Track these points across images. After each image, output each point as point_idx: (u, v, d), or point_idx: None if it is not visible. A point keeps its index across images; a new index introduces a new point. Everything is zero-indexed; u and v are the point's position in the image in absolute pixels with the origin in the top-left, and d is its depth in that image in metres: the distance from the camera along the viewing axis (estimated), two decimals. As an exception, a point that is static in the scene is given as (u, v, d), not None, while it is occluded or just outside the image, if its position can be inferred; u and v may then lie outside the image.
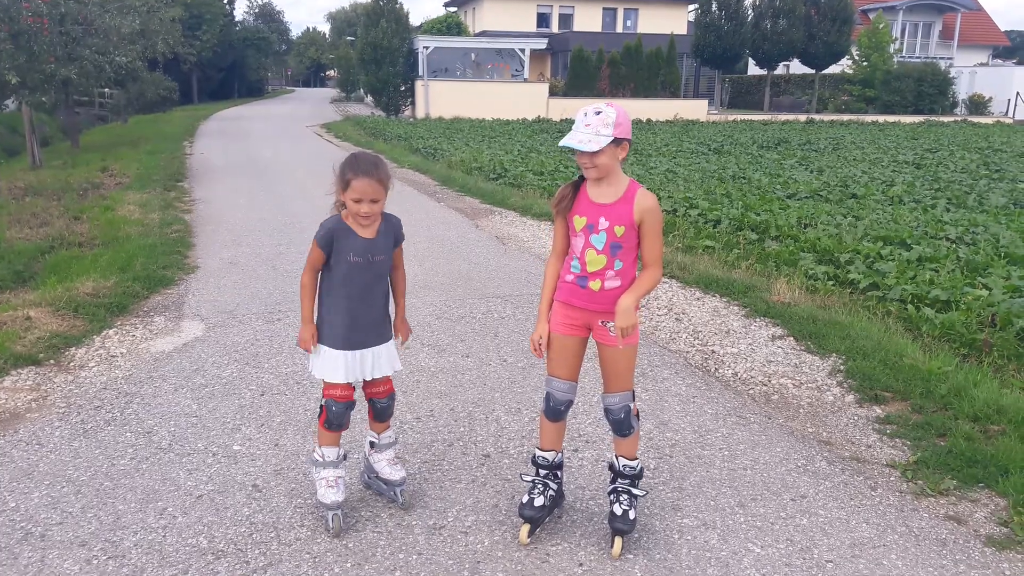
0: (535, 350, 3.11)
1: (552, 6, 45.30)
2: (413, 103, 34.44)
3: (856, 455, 3.95)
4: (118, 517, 3.22)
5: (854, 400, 4.69)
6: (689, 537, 3.18)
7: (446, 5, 51.45)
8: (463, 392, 4.64)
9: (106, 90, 28.63)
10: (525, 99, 33.90)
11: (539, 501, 3.15)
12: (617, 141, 2.86)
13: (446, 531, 3.19)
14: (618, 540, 3.06)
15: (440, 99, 33.45)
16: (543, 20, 45.27)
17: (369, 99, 40.59)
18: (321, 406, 3.18)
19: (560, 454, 3.27)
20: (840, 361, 5.23)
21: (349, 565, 2.96)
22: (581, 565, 2.99)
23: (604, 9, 45.93)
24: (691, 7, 46.61)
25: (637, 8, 45.99)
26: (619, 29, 45.49)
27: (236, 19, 62.38)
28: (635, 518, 3.09)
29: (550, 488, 3.21)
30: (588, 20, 44.96)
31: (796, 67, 43.48)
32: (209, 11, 49.89)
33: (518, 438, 4.05)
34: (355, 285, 3.08)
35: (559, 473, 3.28)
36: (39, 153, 18.21)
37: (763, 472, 3.74)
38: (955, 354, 5.38)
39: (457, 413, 4.34)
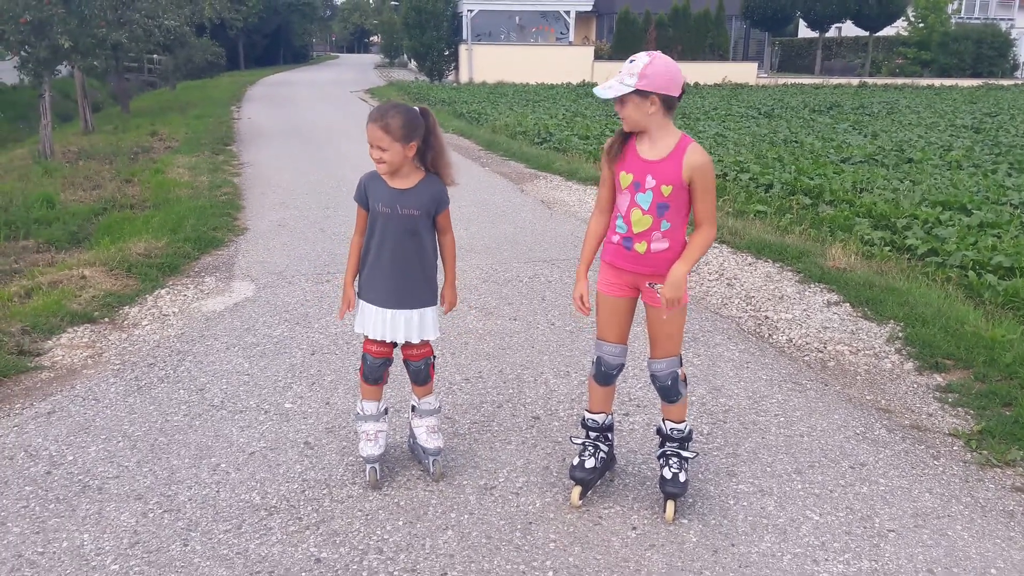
0: (580, 308, 3.03)
1: (598, -33, 44.46)
2: (457, 68, 34.22)
3: (917, 423, 3.84)
4: (172, 472, 3.25)
5: (913, 368, 4.55)
6: (745, 503, 3.11)
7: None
8: (511, 354, 4.60)
9: (155, 56, 28.93)
10: (570, 63, 33.46)
11: (589, 463, 3.11)
12: (643, 94, 2.70)
13: (497, 491, 3.16)
14: (670, 504, 3.01)
15: (484, 63, 33.17)
16: (589, -18, 44.47)
17: (413, 64, 40.43)
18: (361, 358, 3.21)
19: (610, 416, 3.22)
20: (898, 328, 5.07)
21: (401, 523, 2.95)
22: (634, 529, 2.94)
23: (651, -30, 44.92)
24: (741, -32, 45.47)
25: (685, -31, 44.90)
26: (666, -10, 44.53)
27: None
28: (686, 481, 3.03)
29: (600, 450, 3.16)
30: (635, -19, 44.05)
31: (848, 29, 42.22)
32: (255, -24, 49.93)
33: (567, 401, 4.00)
34: (386, 237, 3.01)
35: (610, 435, 3.23)
36: (91, 118, 18.49)
37: (820, 439, 3.64)
38: (1020, 322, 5.19)
39: (506, 375, 4.31)
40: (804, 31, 45.87)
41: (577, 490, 3.09)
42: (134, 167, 11.74)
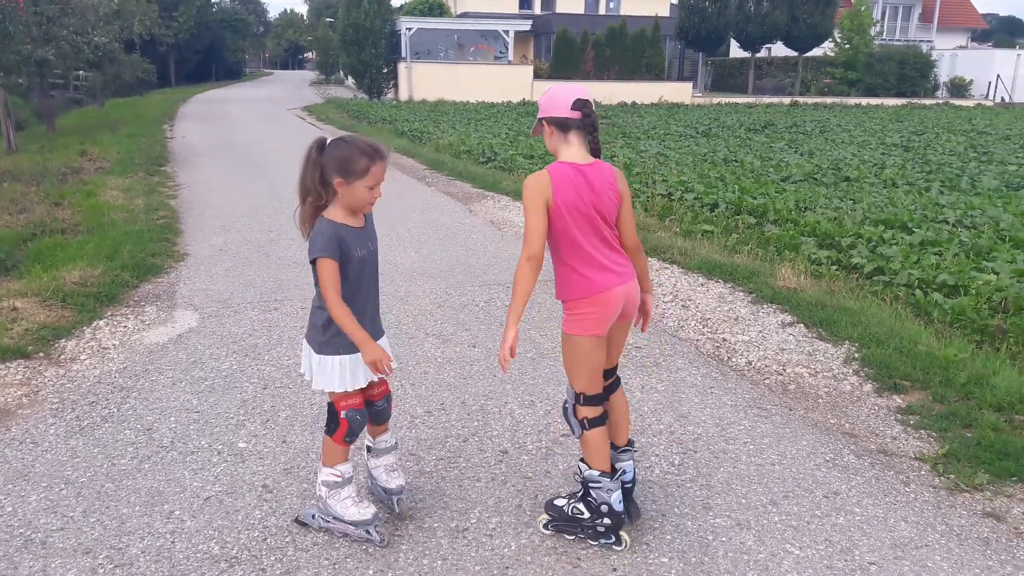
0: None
1: (535, -13, 44.85)
2: (396, 85, 34.03)
3: (883, 447, 3.85)
4: (123, 522, 3.04)
5: (872, 389, 4.58)
6: (724, 538, 3.05)
7: (427, -14, 50.78)
8: (473, 384, 4.49)
9: (81, 72, 28.00)
10: (510, 81, 33.60)
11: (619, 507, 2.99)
12: (542, 121, 2.88)
13: (470, 534, 3.04)
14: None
15: (424, 81, 33.08)
16: (525, 2, 44.79)
17: (350, 81, 40.07)
18: (339, 420, 2.89)
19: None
20: (854, 348, 5.12)
21: (371, 572, 2.80)
22: (615, 570, 2.85)
23: (587, -10, 45.53)
24: (674, -11, 46.44)
25: (620, -11, 45.63)
26: (602, 11, 45.10)
27: (213, 0, 61.28)
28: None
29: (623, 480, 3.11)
30: (571, 2, 44.53)
31: (778, 50, 43.40)
32: (186, -8, 48.93)
33: (535, 432, 3.90)
34: (365, 280, 2.87)
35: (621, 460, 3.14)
36: (14, 137, 17.74)
37: (792, 467, 3.62)
38: (969, 340, 5.30)
39: (469, 406, 4.19)
40: (735, 52, 47.05)
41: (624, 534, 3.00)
42: (63, 189, 11.26)
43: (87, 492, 3.24)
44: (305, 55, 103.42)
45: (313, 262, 2.71)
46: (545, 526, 3.05)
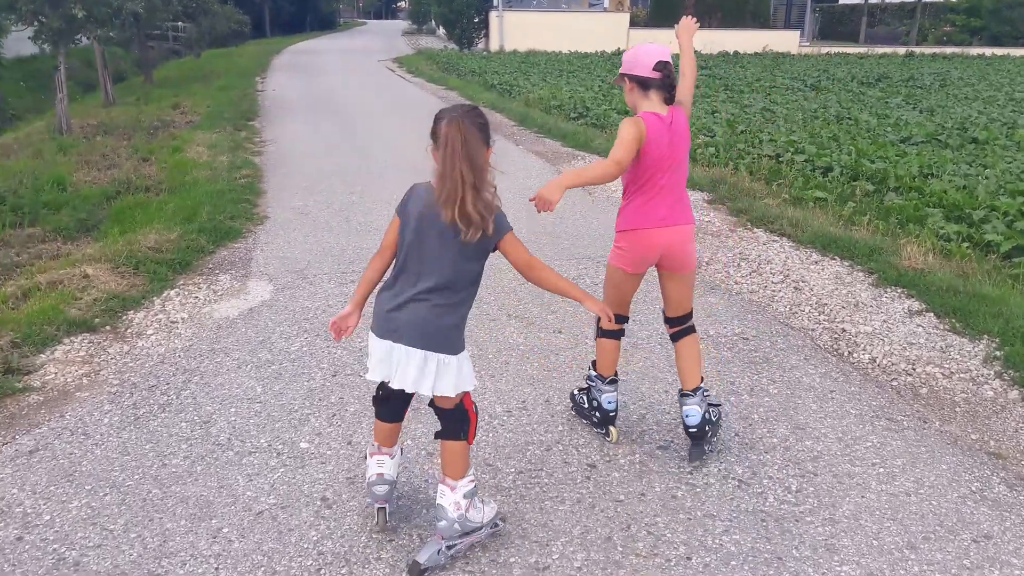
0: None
1: (632, -68, 43.05)
2: (487, 35, 33.33)
3: (1042, 477, 3.24)
4: (165, 539, 2.74)
5: (1020, 397, 3.94)
6: (856, 596, 2.55)
7: (520, -69, 49.44)
8: (558, 378, 4.05)
9: (179, 24, 28.38)
10: (604, 30, 32.41)
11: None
12: (622, 78, 3.18)
13: (550, 573, 2.63)
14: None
15: (515, 31, 32.24)
16: (622, -53, 43.10)
17: (441, 31, 39.57)
18: (471, 417, 2.64)
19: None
20: (994, 345, 4.45)
21: (436, 617, 2.43)
22: (723, 632, 2.39)
23: (688, -66, 43.40)
24: (781, -70, 43.81)
25: (722, -68, 43.31)
26: (703, -45, 43.02)
27: (308, -51, 61.38)
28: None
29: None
30: (670, -54, 42.60)
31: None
32: (281, -59, 49.13)
33: (627, 442, 3.44)
34: None
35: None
36: (112, 89, 18.05)
37: (931, 499, 3.06)
38: None
39: (553, 406, 3.76)
40: (847, -3, 44.28)
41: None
42: (152, 144, 11.26)
43: (132, 500, 2.96)
44: (399, 4, 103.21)
45: (497, 245, 2.55)
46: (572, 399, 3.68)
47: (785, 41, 33.64)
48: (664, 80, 3.08)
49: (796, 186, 8.26)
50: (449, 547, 2.62)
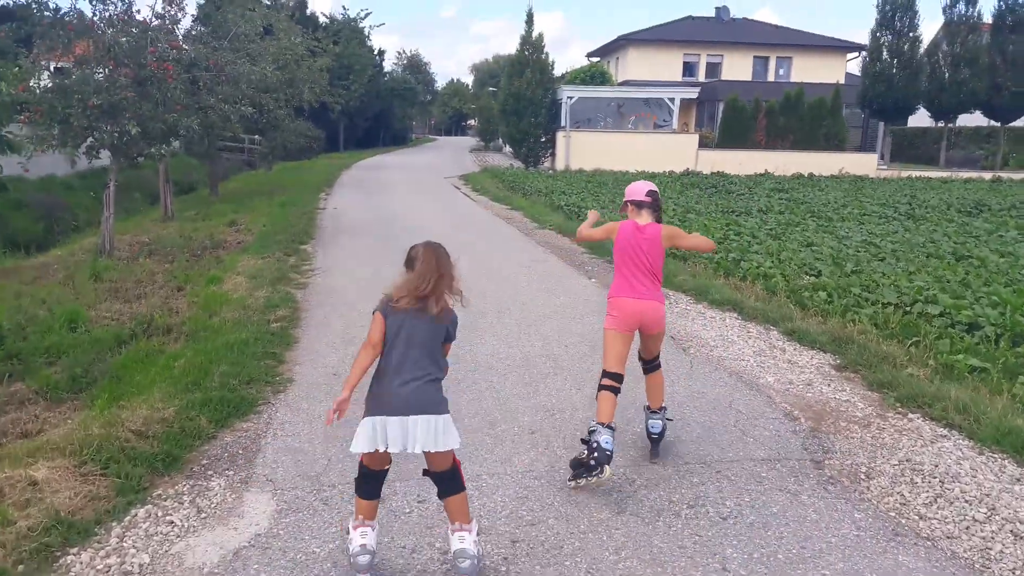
0: None
1: (699, 55, 42.94)
2: (554, 154, 32.90)
3: None
4: None
5: None
6: None
7: (589, 55, 50.07)
8: None
9: (256, 136, 28.55)
10: (672, 151, 31.64)
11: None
12: (627, 203, 4.58)
13: None
14: None
15: (582, 150, 31.72)
16: (689, 69, 42.96)
17: (508, 149, 39.50)
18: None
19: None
20: None
21: None
22: None
23: (755, 58, 43.16)
24: (850, 56, 43.25)
25: (791, 57, 42.86)
26: (771, 78, 42.60)
27: (385, 70, 63.39)
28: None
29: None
30: (738, 69, 42.30)
31: (965, 119, 39.15)
32: (359, 62, 50.52)
33: None
34: None
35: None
36: (171, 204, 17.62)
37: None
38: None
39: None
40: (916, 119, 42.97)
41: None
42: (191, 271, 10.32)
43: None
44: (467, 122, 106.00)
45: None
46: (569, 479, 4.17)
47: (862, 164, 32.36)
48: (652, 203, 4.45)
49: (939, 349, 6.70)
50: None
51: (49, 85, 11.07)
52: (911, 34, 34.94)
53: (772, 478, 4.24)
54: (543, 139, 32.77)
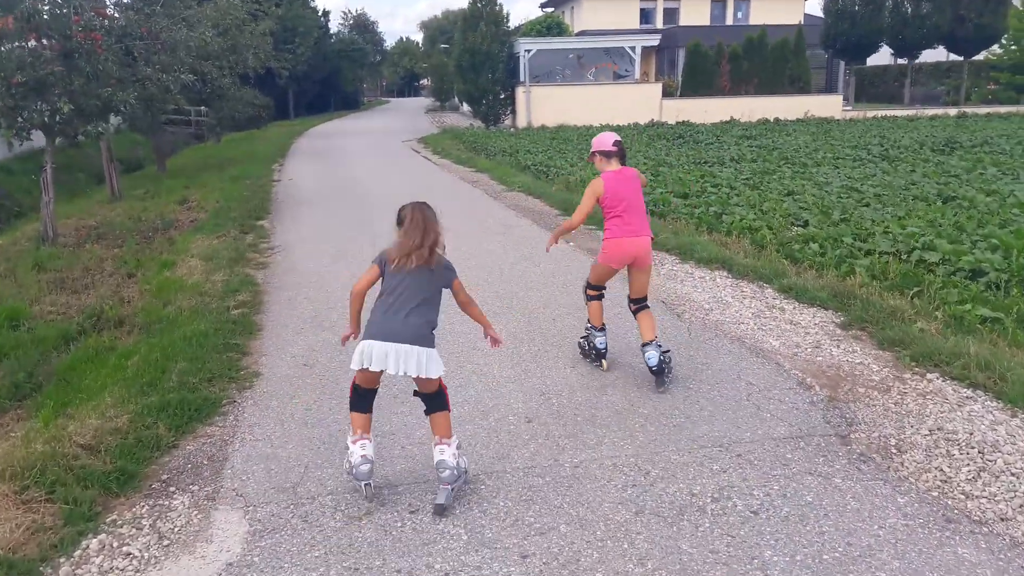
0: None
1: (656, 2, 42.21)
2: (514, 111, 32.13)
3: None
4: None
5: None
6: None
7: (543, 6, 48.99)
8: None
9: (201, 108, 27.39)
10: (636, 102, 31.04)
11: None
12: (596, 153, 4.96)
13: None
14: None
15: (543, 106, 30.99)
16: (646, 16, 42.19)
17: (465, 108, 38.58)
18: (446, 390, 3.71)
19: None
20: None
21: None
22: None
23: (713, 2, 42.49)
24: (809, -6, 42.80)
25: (748, -2, 42.33)
26: (729, 21, 42.03)
27: (331, 32, 61.52)
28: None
29: None
30: (695, 14, 41.58)
31: (927, 55, 39.03)
32: (303, 24, 48.88)
33: None
34: None
35: None
36: (118, 183, 16.74)
37: None
38: None
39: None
40: (876, 59, 42.76)
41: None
42: (142, 255, 9.66)
43: None
44: (420, 82, 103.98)
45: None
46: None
47: (827, 106, 32.08)
48: (619, 152, 4.92)
49: (945, 299, 6.37)
50: (452, 490, 3.52)
51: (-33, 64, 10.21)
52: (873, -31, 34.58)
53: (799, 460, 3.85)
54: (502, 95, 31.97)
